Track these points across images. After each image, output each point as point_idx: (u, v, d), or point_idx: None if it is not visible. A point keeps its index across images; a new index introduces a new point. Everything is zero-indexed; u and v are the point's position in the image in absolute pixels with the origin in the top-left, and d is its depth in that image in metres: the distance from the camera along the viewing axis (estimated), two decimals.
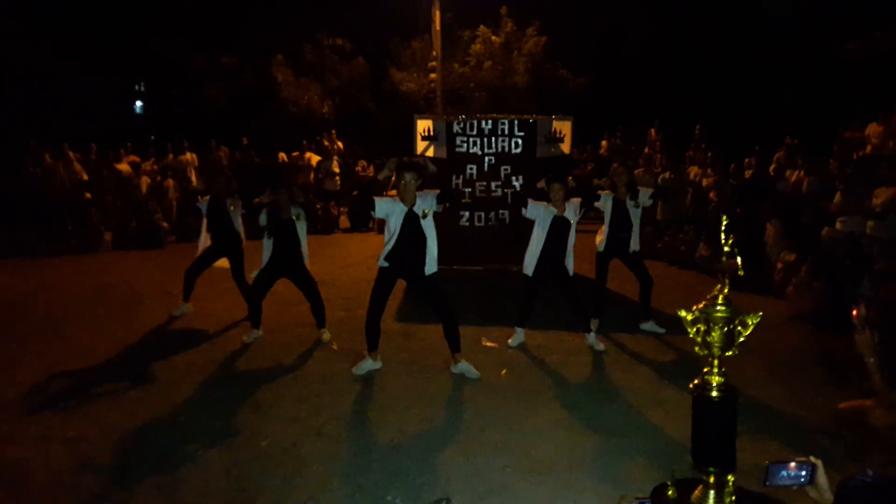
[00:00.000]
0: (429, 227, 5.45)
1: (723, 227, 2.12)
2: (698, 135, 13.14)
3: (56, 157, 12.55)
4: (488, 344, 6.39)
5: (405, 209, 5.40)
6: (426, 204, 5.43)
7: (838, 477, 2.04)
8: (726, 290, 2.08)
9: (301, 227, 6.43)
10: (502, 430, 4.61)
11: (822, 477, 2.05)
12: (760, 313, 2.07)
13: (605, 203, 6.69)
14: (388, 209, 5.46)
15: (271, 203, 6.35)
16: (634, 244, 6.72)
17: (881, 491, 1.91)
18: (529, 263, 6.20)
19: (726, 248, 2.09)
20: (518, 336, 6.41)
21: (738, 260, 2.09)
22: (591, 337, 6.31)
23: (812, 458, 2.05)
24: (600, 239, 6.80)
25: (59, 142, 12.76)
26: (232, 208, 7.05)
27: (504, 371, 5.73)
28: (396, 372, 5.70)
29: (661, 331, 6.73)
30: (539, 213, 6.15)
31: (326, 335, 6.53)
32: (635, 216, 6.67)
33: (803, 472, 2.00)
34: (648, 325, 6.82)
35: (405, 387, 5.42)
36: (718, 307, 2.06)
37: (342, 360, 5.94)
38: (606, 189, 6.88)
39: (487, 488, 3.87)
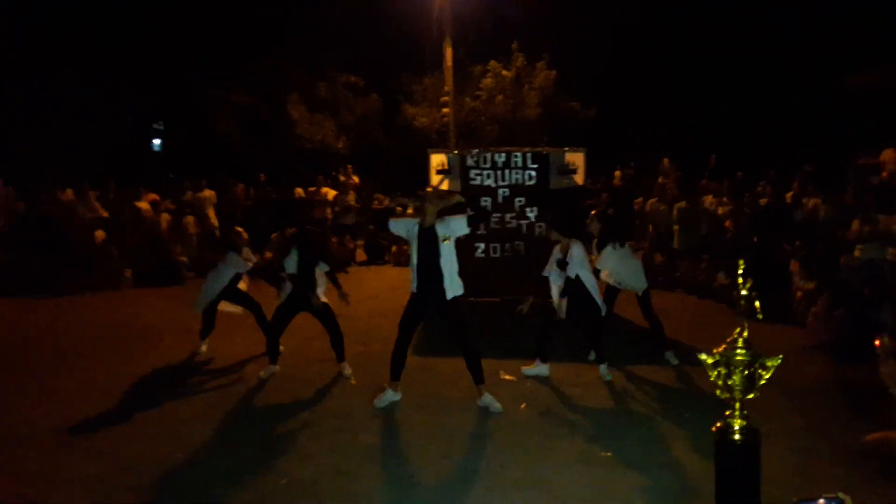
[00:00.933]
0: (447, 249, 5.47)
1: (740, 271, 2.12)
2: (713, 165, 13.18)
3: (76, 194, 12.78)
4: (506, 377, 6.36)
5: (420, 227, 5.48)
6: (447, 230, 5.44)
7: None
8: (746, 334, 2.07)
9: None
10: (522, 465, 4.57)
11: None
12: (780, 356, 2.06)
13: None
14: (405, 227, 5.59)
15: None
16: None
17: None
18: (560, 306, 6.29)
19: (744, 292, 2.10)
20: (539, 369, 6.39)
21: (757, 304, 2.10)
22: (603, 368, 6.31)
23: (840, 495, 2.02)
24: None
25: (78, 179, 12.99)
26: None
27: (524, 405, 5.69)
28: (415, 406, 5.68)
29: (675, 362, 6.71)
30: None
31: (347, 369, 6.53)
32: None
33: None
34: (668, 354, 6.81)
35: (423, 422, 5.39)
36: (738, 351, 2.06)
37: (360, 395, 5.93)
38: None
39: None
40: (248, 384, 6.34)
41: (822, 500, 1.99)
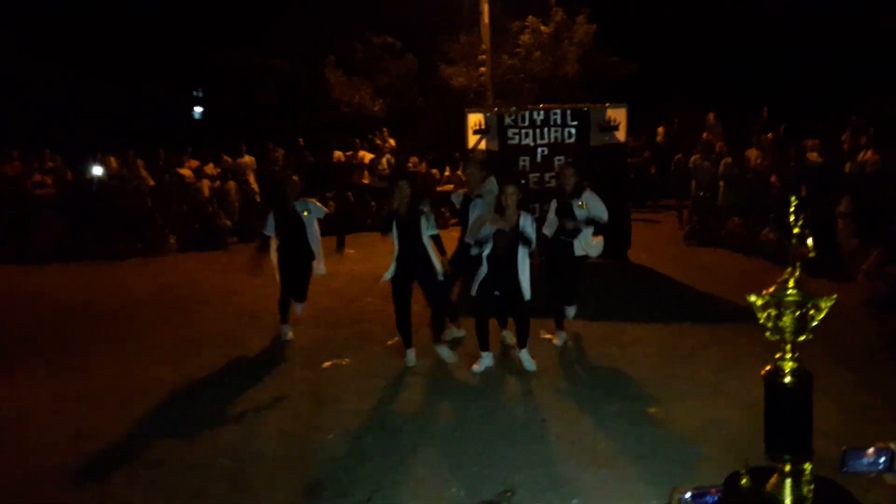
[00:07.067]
0: (523, 251, 5.46)
1: (791, 209, 2.04)
2: (765, 118, 12.70)
3: (123, 164, 13.08)
4: (547, 336, 6.35)
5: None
6: (529, 227, 5.47)
7: None
8: (797, 274, 2.00)
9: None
10: (564, 422, 4.60)
11: None
12: (835, 296, 1.99)
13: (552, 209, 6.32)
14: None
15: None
16: (580, 249, 6.16)
17: None
18: (473, 285, 5.64)
19: (796, 230, 2.02)
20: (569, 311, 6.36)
21: (810, 241, 2.01)
22: (562, 336, 6.17)
23: (892, 445, 1.97)
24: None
25: (123, 148, 13.29)
26: (305, 213, 6.42)
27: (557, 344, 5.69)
28: (457, 364, 5.73)
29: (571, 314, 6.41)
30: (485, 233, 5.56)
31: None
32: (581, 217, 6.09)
33: (882, 459, 1.93)
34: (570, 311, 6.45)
35: (466, 379, 5.45)
36: (789, 291, 1.98)
37: (400, 355, 6.00)
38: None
39: (550, 480, 3.86)
40: (296, 345, 6.47)
41: (871, 450, 1.94)
